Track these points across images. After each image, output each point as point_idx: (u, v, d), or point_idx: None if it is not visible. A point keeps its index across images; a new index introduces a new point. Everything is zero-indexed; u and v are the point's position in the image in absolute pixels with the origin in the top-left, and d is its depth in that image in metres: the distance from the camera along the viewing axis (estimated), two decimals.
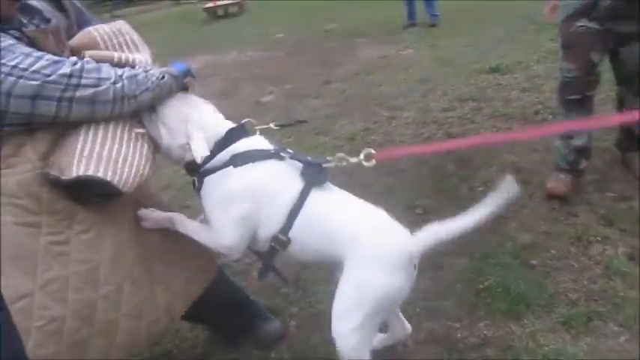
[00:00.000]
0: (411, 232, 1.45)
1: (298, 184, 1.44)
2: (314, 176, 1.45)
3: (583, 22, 2.28)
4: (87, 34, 1.36)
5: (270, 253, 1.50)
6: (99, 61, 1.34)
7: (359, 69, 5.73)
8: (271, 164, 1.46)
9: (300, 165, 1.48)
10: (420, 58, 5.66)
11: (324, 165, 1.48)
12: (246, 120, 1.59)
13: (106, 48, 1.36)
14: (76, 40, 1.35)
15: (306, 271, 2.32)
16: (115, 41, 1.38)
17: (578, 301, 1.90)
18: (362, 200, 1.51)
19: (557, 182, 2.55)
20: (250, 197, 1.43)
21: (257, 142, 1.52)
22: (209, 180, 1.46)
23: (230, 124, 1.53)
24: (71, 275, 1.30)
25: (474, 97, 4.11)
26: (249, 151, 1.46)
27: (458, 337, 1.84)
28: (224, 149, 1.46)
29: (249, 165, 1.44)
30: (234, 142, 1.47)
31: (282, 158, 1.47)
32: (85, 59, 1.33)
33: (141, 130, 1.43)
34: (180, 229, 1.54)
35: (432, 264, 2.22)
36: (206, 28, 12.03)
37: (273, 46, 8.10)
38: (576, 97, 2.39)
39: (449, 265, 2.19)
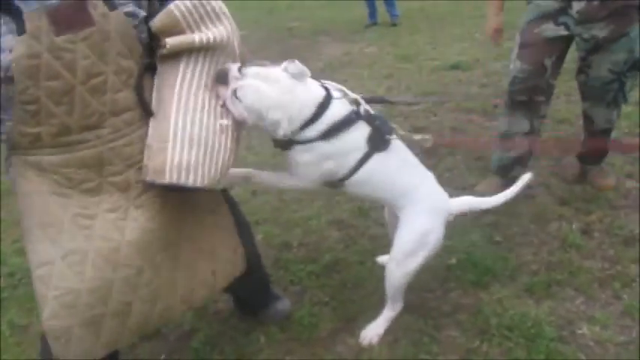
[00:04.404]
0: None
1: (365, 147, 1.63)
2: (378, 142, 1.63)
3: (548, 26, 2.22)
4: (168, 14, 1.32)
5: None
6: (178, 49, 1.34)
7: (324, 66, 5.84)
8: (352, 133, 1.60)
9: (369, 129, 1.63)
10: (383, 55, 5.84)
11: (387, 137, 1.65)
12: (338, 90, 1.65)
13: (187, 25, 1.34)
14: (157, 22, 1.33)
15: (285, 252, 2.42)
16: (195, 15, 1.36)
17: (539, 270, 2.09)
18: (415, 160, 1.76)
19: (486, 184, 2.62)
20: (336, 156, 1.62)
21: (339, 108, 1.59)
22: (301, 147, 1.58)
23: (314, 93, 1.57)
24: (92, 250, 1.30)
25: (436, 92, 4.30)
26: (335, 124, 1.57)
27: (432, 305, 1.99)
28: (313, 124, 1.56)
29: (338, 136, 1.58)
30: (320, 116, 1.56)
31: (360, 119, 1.61)
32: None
33: (225, 122, 1.43)
34: (257, 180, 1.68)
35: None
36: None
37: None
38: (524, 98, 2.35)
39: None
